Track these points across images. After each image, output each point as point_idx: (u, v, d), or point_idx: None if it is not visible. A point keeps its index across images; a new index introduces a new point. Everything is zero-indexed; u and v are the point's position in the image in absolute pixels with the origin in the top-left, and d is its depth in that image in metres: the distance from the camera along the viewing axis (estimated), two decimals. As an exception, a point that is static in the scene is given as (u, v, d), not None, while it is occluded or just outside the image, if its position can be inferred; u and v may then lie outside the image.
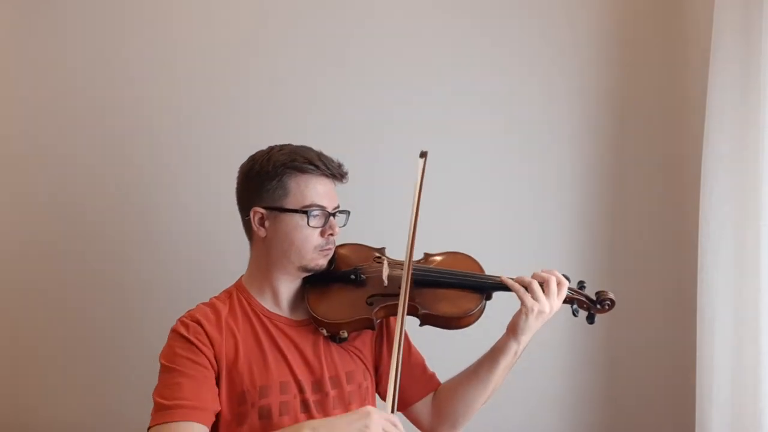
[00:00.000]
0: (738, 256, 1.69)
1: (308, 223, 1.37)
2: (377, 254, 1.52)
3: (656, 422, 2.07)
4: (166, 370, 1.31)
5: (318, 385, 1.39)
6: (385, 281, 1.43)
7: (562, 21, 2.07)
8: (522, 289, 1.38)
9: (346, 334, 1.41)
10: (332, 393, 1.39)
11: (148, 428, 1.26)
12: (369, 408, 1.24)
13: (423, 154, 1.37)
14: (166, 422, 1.24)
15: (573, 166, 2.08)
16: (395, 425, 1.22)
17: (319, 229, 1.39)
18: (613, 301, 1.44)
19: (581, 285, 1.48)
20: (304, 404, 1.36)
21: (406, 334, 1.55)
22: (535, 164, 2.07)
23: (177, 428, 1.23)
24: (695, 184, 1.81)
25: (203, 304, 1.42)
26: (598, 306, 1.45)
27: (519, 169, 2.07)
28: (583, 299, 1.45)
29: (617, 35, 2.08)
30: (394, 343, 1.18)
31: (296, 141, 1.45)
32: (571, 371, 2.07)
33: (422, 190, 1.33)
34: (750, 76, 1.67)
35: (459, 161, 2.03)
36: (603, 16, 2.08)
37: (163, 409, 1.26)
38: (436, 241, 1.59)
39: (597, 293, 1.46)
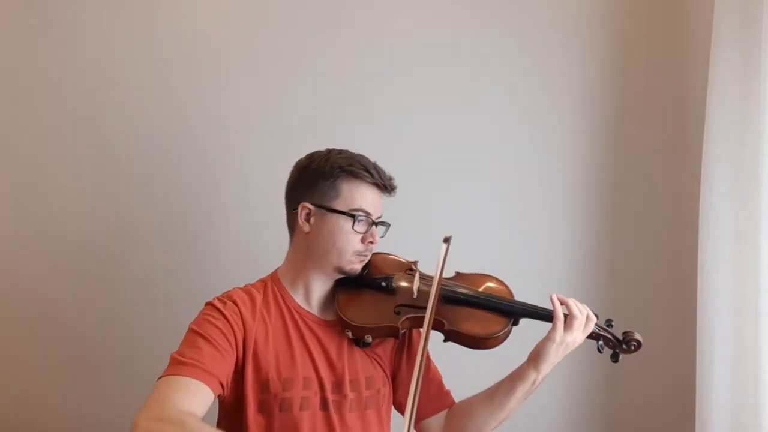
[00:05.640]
0: (738, 256, 1.69)
1: (353, 227, 1.40)
2: (410, 266, 1.54)
3: (656, 423, 2.07)
4: (191, 333, 1.32)
5: (338, 386, 1.40)
6: (415, 293, 1.45)
7: (561, 22, 2.07)
8: (561, 314, 1.39)
9: (370, 339, 1.43)
10: (351, 396, 1.40)
11: (159, 378, 1.25)
12: None
13: (447, 240, 1.38)
14: (179, 375, 1.23)
15: (572, 166, 2.07)
16: None
17: (361, 235, 1.42)
18: (639, 343, 1.44)
19: (609, 323, 1.48)
20: (323, 402, 1.38)
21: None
22: (535, 163, 2.07)
23: (188, 383, 1.23)
24: (695, 185, 1.81)
25: (239, 288, 1.44)
26: (624, 346, 1.45)
27: (518, 167, 2.07)
28: (610, 337, 1.45)
29: (617, 36, 2.08)
30: (416, 360, 1.19)
31: (307, 149, 1.48)
32: (571, 371, 2.07)
33: (442, 273, 1.34)
34: (750, 76, 1.67)
35: (460, 169, 2.03)
36: (603, 16, 2.08)
37: (179, 364, 1.25)
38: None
39: (624, 333, 1.46)
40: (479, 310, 1.45)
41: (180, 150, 1.94)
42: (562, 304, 1.41)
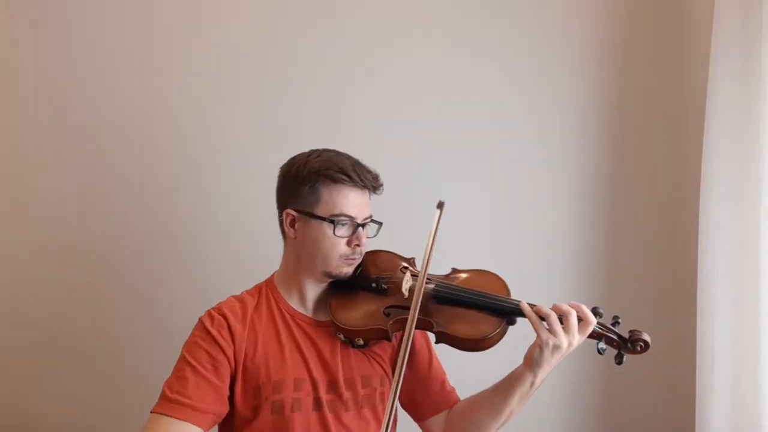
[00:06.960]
0: (738, 256, 1.69)
1: (334, 233, 1.38)
2: (405, 264, 1.49)
3: (656, 422, 2.07)
4: (181, 359, 1.35)
5: (332, 386, 1.40)
6: (405, 293, 1.38)
7: (562, 22, 2.07)
8: (537, 320, 1.30)
9: (362, 342, 1.40)
10: (346, 395, 1.40)
11: (152, 411, 1.30)
12: None
13: (440, 205, 1.32)
14: (163, 414, 1.29)
15: (572, 168, 2.08)
16: None
17: (346, 239, 1.40)
18: (647, 344, 1.31)
19: (615, 321, 1.36)
20: (317, 402, 1.38)
21: (430, 347, 1.55)
22: (535, 164, 2.07)
23: (169, 424, 1.27)
24: (695, 185, 1.81)
25: (234, 297, 1.45)
26: (629, 346, 1.32)
27: (519, 165, 2.07)
28: (614, 337, 1.33)
29: (617, 36, 2.08)
30: (398, 360, 1.16)
31: (312, 146, 1.46)
32: (571, 371, 2.07)
33: (435, 239, 1.28)
34: (750, 76, 1.67)
35: (461, 169, 2.03)
36: (603, 16, 2.08)
37: (165, 399, 1.30)
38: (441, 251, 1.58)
39: (630, 332, 1.34)
40: (470, 310, 1.37)
41: (174, 152, 1.94)
42: (543, 319, 1.30)
